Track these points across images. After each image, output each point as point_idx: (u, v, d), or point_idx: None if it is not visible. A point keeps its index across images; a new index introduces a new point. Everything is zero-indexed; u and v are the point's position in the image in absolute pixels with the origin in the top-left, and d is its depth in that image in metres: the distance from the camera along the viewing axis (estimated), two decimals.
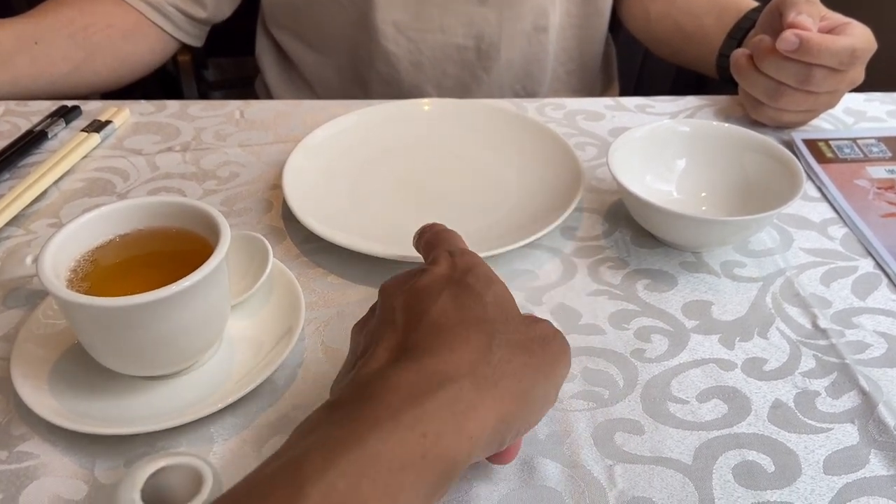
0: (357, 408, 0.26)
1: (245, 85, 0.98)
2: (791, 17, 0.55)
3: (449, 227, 0.40)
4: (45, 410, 0.35)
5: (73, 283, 0.35)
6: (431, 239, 0.39)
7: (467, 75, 0.79)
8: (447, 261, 0.34)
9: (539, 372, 0.30)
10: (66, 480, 0.34)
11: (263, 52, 0.86)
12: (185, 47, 0.80)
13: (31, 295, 0.44)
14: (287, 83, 0.85)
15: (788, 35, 0.54)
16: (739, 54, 0.60)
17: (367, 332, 0.33)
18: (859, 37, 0.55)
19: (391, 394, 0.26)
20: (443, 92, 0.79)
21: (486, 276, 0.33)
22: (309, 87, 0.84)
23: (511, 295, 0.33)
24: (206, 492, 0.28)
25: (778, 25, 0.57)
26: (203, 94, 1.09)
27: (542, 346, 0.31)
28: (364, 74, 0.79)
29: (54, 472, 0.35)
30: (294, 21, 0.80)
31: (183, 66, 1.06)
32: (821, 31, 0.55)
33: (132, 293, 0.32)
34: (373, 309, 0.35)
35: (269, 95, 0.87)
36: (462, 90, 0.80)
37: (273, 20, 0.82)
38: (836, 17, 0.57)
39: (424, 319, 0.30)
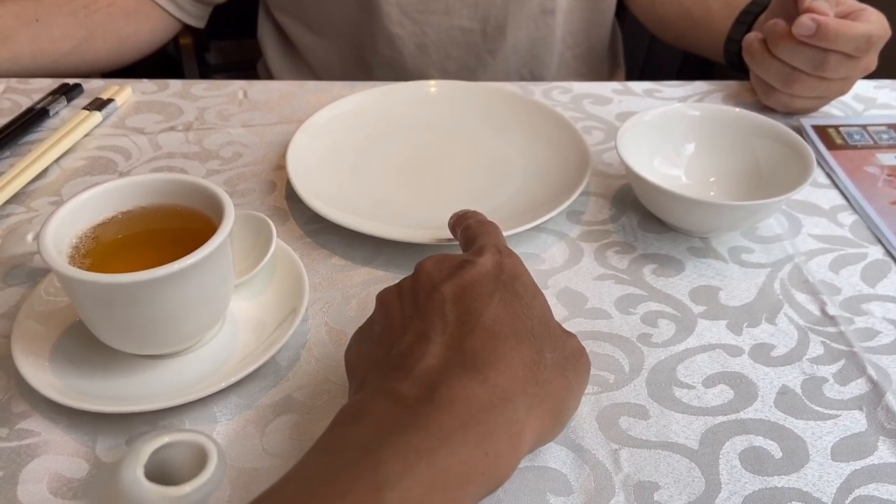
0: (426, 412, 0.26)
1: (247, 68, 0.98)
2: (807, 1, 0.54)
3: (454, 209, 0.39)
4: (46, 388, 0.35)
5: (74, 260, 0.35)
6: (475, 228, 0.38)
7: (472, 58, 0.78)
8: (494, 257, 0.34)
9: (571, 392, 0.31)
10: (68, 458, 0.34)
11: (265, 35, 0.85)
12: (186, 29, 0.79)
13: (33, 272, 0.44)
14: (289, 66, 0.85)
15: (805, 20, 0.53)
16: (753, 38, 0.59)
17: (410, 308, 0.32)
18: (875, 23, 0.54)
19: (459, 404, 0.27)
20: (447, 76, 0.78)
21: (532, 287, 0.33)
22: (311, 71, 0.83)
23: (549, 307, 0.33)
24: (211, 468, 0.27)
25: (791, 10, 0.56)
26: (204, 77, 1.09)
27: (574, 365, 0.32)
28: (367, 58, 0.79)
29: (55, 450, 0.34)
30: (296, 3, 0.79)
31: (185, 48, 1.05)
32: (836, 16, 0.55)
33: (134, 270, 0.32)
34: (411, 280, 0.34)
35: (270, 79, 0.86)
36: (467, 74, 0.79)
37: (274, 2, 0.81)
38: (851, 3, 0.56)
39: (479, 323, 0.30)
